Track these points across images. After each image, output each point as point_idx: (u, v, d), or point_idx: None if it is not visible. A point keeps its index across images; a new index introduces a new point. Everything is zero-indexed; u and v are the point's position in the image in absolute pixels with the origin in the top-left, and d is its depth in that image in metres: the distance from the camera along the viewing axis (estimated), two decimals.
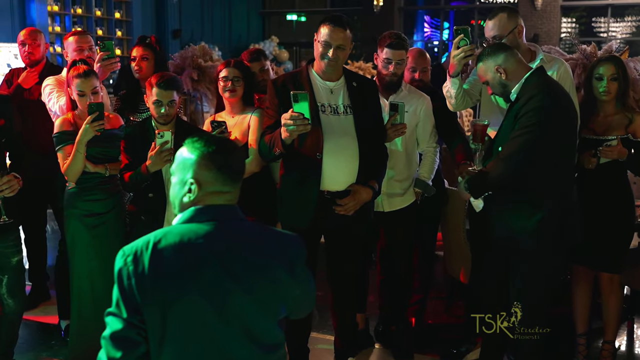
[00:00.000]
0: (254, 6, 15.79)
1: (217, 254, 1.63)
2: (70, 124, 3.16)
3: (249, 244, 1.69)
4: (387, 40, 3.23)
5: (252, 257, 1.67)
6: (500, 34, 3.05)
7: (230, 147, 1.75)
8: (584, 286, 3.36)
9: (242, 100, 3.31)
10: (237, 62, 3.33)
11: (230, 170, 1.70)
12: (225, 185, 1.69)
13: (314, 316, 3.71)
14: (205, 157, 1.67)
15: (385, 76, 3.28)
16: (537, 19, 12.95)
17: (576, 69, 4.11)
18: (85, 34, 3.94)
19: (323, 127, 2.86)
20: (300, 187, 2.91)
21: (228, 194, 1.71)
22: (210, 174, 1.67)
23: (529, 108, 2.68)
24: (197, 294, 1.60)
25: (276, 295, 1.70)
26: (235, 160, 1.72)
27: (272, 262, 1.70)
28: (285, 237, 1.79)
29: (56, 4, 10.65)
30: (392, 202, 3.35)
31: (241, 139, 3.26)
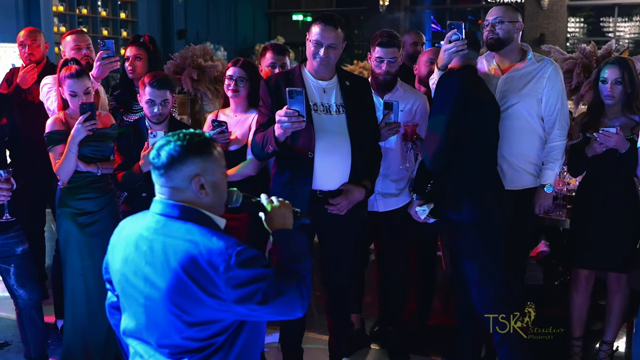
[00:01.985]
0: (259, 6, 15.81)
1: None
2: (62, 123, 3.17)
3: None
4: (378, 39, 3.21)
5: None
6: (502, 18, 3.13)
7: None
8: (583, 291, 3.34)
9: (247, 101, 3.30)
10: (245, 62, 3.31)
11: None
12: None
13: (310, 315, 3.70)
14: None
15: (378, 75, 3.26)
16: (544, 19, 12.88)
17: (575, 68, 4.08)
18: (82, 33, 3.94)
19: (315, 126, 2.85)
20: (292, 187, 2.90)
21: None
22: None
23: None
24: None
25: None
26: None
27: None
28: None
29: (61, 4, 10.69)
30: (387, 202, 3.33)
31: (242, 139, 3.25)
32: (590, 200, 3.26)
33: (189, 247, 1.68)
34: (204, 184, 1.74)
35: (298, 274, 1.77)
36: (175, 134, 1.76)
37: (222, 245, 1.67)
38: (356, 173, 2.92)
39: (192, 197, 1.75)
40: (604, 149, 3.10)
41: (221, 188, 1.81)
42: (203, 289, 1.66)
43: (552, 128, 3.18)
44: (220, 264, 1.65)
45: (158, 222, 1.75)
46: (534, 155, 3.21)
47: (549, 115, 3.18)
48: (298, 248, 1.84)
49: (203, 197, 1.75)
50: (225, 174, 1.84)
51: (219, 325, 1.72)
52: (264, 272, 1.69)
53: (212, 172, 1.76)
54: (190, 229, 1.71)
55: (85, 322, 3.27)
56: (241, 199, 1.93)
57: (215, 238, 1.69)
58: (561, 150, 3.21)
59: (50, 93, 3.51)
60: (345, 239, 3.03)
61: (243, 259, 1.66)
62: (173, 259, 1.68)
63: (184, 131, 1.78)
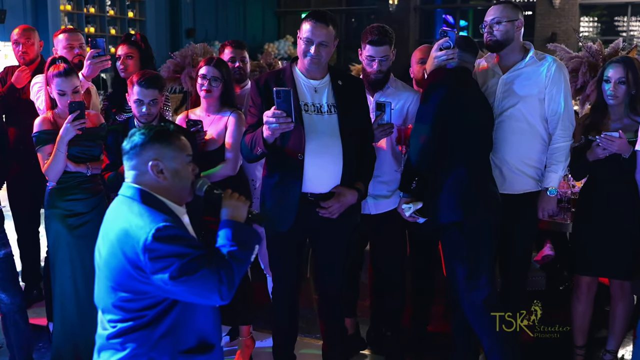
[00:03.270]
0: (269, 5, 15.77)
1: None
2: (50, 122, 3.11)
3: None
4: (368, 37, 3.10)
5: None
6: (499, 18, 3.02)
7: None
8: (585, 299, 3.23)
9: (219, 101, 3.24)
10: (218, 61, 3.26)
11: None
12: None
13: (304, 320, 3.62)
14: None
15: (369, 74, 3.15)
16: (555, 18, 12.73)
17: (581, 67, 3.96)
18: (75, 31, 3.89)
19: (305, 126, 2.77)
20: (282, 189, 2.82)
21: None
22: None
23: None
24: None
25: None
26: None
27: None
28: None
29: (69, 3, 10.70)
30: (379, 205, 3.23)
31: (218, 139, 3.20)
32: (592, 204, 3.15)
33: (124, 222, 1.87)
34: (163, 170, 1.92)
35: (224, 260, 1.87)
36: (145, 126, 2.00)
37: (148, 221, 1.83)
38: (348, 175, 2.83)
39: (151, 180, 1.92)
40: (607, 154, 2.99)
41: (182, 175, 1.96)
42: (129, 260, 1.83)
43: (556, 129, 3.06)
44: (140, 237, 1.81)
45: (117, 201, 1.97)
46: (535, 157, 3.09)
47: (552, 116, 3.06)
48: (238, 237, 1.93)
49: (162, 182, 1.92)
50: (190, 165, 1.97)
51: (148, 300, 1.86)
52: (183, 250, 1.81)
53: (171, 159, 1.93)
54: (134, 207, 1.89)
55: (75, 324, 3.21)
56: (205, 188, 2.04)
57: (147, 214, 1.85)
58: (565, 152, 3.08)
59: (40, 92, 3.45)
60: (337, 242, 2.95)
61: (163, 235, 1.80)
62: (112, 232, 1.89)
63: (154, 124, 1.96)
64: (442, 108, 2.79)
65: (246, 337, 3.44)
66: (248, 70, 3.66)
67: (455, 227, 2.86)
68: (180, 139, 1.97)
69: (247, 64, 3.64)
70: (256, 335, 3.52)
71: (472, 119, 2.88)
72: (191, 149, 1.99)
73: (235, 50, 3.60)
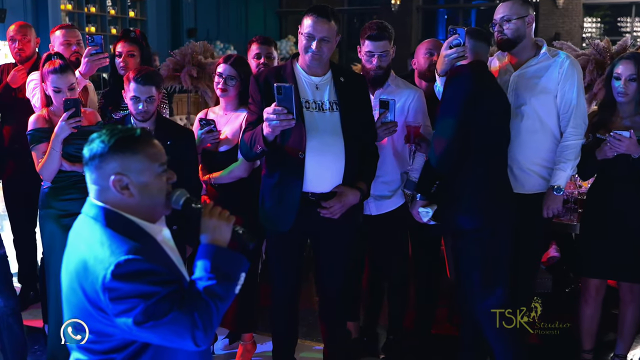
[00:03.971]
0: (270, 5, 15.71)
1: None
2: (45, 120, 3.04)
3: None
4: (367, 32, 3.02)
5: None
6: (509, 16, 2.92)
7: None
8: (593, 302, 3.15)
9: (237, 99, 3.17)
10: (237, 59, 3.17)
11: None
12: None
13: (305, 323, 3.55)
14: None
15: (369, 70, 3.06)
16: (559, 18, 12.65)
17: (588, 65, 3.89)
18: (72, 27, 3.82)
19: (307, 124, 2.69)
20: (282, 188, 2.74)
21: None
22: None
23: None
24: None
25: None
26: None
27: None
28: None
29: (70, 3, 10.65)
30: (380, 205, 3.15)
31: (231, 139, 3.12)
32: (600, 205, 3.06)
33: (84, 251, 1.57)
34: (129, 185, 1.60)
35: (199, 299, 1.56)
36: (107, 129, 1.63)
37: (109, 253, 1.52)
38: (350, 174, 2.75)
39: (116, 198, 1.62)
40: (615, 153, 2.90)
41: (153, 190, 1.64)
42: (89, 299, 1.55)
43: (567, 126, 2.96)
44: (99, 273, 1.52)
45: (79, 220, 1.67)
46: (547, 157, 2.98)
47: (564, 113, 2.96)
48: (218, 267, 1.61)
49: (127, 199, 1.61)
50: (163, 176, 1.66)
51: (113, 341, 1.58)
52: (149, 289, 1.50)
53: (139, 172, 1.61)
54: (94, 232, 1.58)
55: None
56: (183, 201, 1.71)
57: (108, 243, 1.55)
58: (575, 150, 2.96)
59: (36, 90, 3.37)
60: (338, 244, 2.86)
61: (123, 271, 1.50)
62: (72, 261, 1.60)
63: (118, 127, 1.64)
64: (465, 111, 2.69)
65: (247, 342, 3.36)
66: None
67: (474, 233, 2.76)
68: (151, 146, 1.64)
69: (273, 60, 3.53)
70: (257, 338, 3.44)
71: (493, 120, 2.78)
72: (165, 156, 1.69)
73: (261, 47, 3.52)
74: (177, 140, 2.96)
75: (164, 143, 2.88)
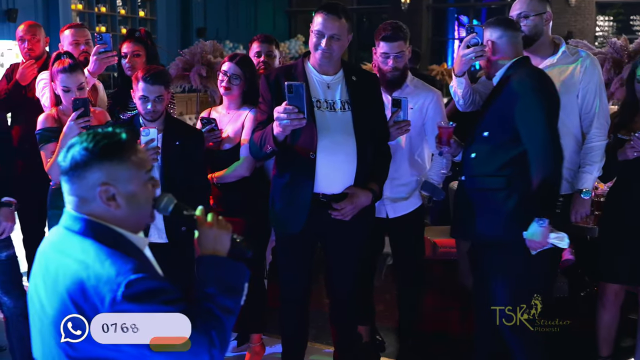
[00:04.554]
0: (280, 4, 15.68)
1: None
2: (54, 120, 3.01)
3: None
4: (382, 33, 2.97)
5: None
6: (527, 12, 2.84)
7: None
8: (612, 307, 3.08)
9: (240, 98, 3.15)
10: (242, 58, 3.15)
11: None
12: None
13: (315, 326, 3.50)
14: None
15: (386, 72, 3.02)
16: (571, 16, 12.54)
17: (605, 64, 3.81)
18: (82, 27, 3.79)
19: (318, 124, 2.64)
20: (293, 189, 2.70)
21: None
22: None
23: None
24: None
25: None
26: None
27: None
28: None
29: (80, 3, 10.67)
30: (396, 208, 3.10)
31: (233, 138, 3.09)
32: (621, 207, 2.99)
33: (78, 270, 1.42)
34: (115, 195, 1.48)
35: (212, 316, 1.47)
36: (88, 134, 1.50)
37: (114, 272, 1.39)
38: (362, 175, 2.70)
39: (100, 209, 1.49)
40: (636, 154, 2.83)
41: (141, 199, 1.53)
42: (88, 321, 1.39)
43: (590, 127, 2.87)
44: (106, 294, 1.38)
45: (59, 236, 1.52)
46: (569, 158, 2.85)
47: (586, 113, 2.88)
48: (224, 281, 1.52)
49: (114, 211, 1.49)
50: (149, 183, 1.55)
51: None
52: (161, 310, 1.39)
53: (127, 181, 1.49)
54: (87, 248, 1.45)
55: None
56: (171, 208, 1.61)
57: (109, 262, 1.41)
58: (600, 151, 2.87)
59: (46, 89, 3.35)
60: (349, 246, 2.82)
61: (134, 292, 1.38)
62: (62, 281, 1.43)
63: (99, 131, 1.50)
64: (548, 112, 2.55)
65: (256, 344, 3.32)
66: (276, 65, 3.49)
67: (520, 243, 2.57)
68: (137, 152, 1.52)
69: (274, 58, 3.49)
70: (266, 341, 3.41)
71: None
72: (150, 162, 1.60)
73: (262, 45, 3.48)
74: (186, 141, 2.93)
75: (173, 143, 2.90)
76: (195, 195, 2.90)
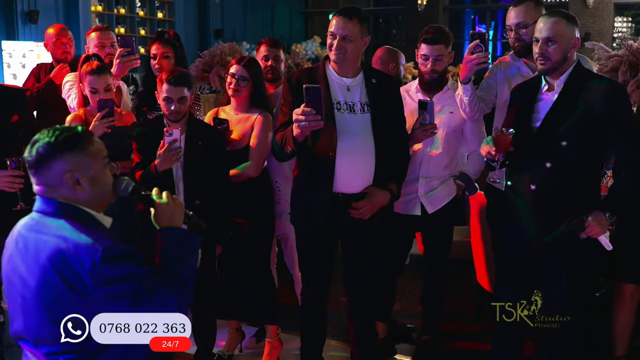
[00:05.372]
0: (296, 6, 15.76)
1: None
2: (81, 120, 3.11)
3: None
4: (423, 35, 3.06)
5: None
6: (525, 22, 2.90)
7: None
8: (628, 307, 3.11)
9: (248, 100, 3.22)
10: (248, 61, 3.23)
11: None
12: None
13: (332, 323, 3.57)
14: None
15: (424, 74, 3.10)
16: (589, 17, 12.48)
17: (621, 67, 3.84)
18: (107, 30, 3.89)
19: (337, 125, 2.71)
20: (313, 189, 2.77)
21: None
22: None
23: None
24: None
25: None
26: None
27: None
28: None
29: (100, 4, 10.83)
30: (434, 201, 3.18)
31: (239, 139, 3.18)
32: (636, 206, 3.01)
33: (58, 243, 1.64)
34: (80, 180, 1.70)
35: (177, 277, 1.73)
36: (48, 130, 1.71)
37: (90, 240, 1.62)
38: (381, 175, 2.77)
39: (67, 193, 1.71)
40: None
41: (102, 182, 1.75)
42: (70, 287, 1.61)
43: None
44: (86, 259, 1.60)
45: (33, 219, 1.73)
46: None
47: None
48: (182, 248, 1.78)
49: (79, 193, 1.71)
50: (107, 168, 1.77)
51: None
52: (135, 270, 1.64)
53: (88, 167, 1.71)
54: (62, 225, 1.67)
55: None
56: (131, 189, 1.82)
57: (85, 234, 1.64)
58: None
59: (71, 90, 3.46)
60: (367, 244, 2.88)
61: (111, 255, 1.61)
62: (42, 254, 1.64)
63: (57, 127, 1.71)
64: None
65: (274, 339, 3.40)
66: (282, 69, 3.56)
67: (590, 247, 2.61)
68: (93, 142, 1.73)
69: (280, 62, 3.55)
70: (284, 337, 3.47)
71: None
72: (106, 150, 1.77)
73: (269, 49, 3.53)
74: (208, 141, 3.01)
75: (196, 143, 2.98)
76: (217, 193, 2.99)
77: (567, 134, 2.50)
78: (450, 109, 3.10)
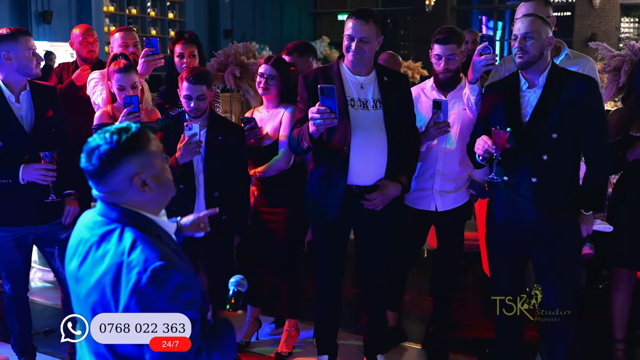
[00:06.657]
0: (305, 6, 15.91)
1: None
2: (109, 116, 3.25)
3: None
4: (436, 35, 3.17)
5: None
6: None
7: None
8: (624, 290, 3.23)
9: (278, 98, 3.36)
10: (277, 60, 3.36)
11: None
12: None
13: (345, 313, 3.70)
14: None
15: (438, 73, 3.21)
16: (595, 18, 12.54)
17: (623, 66, 3.95)
18: (130, 30, 4.02)
19: (352, 121, 2.85)
20: (328, 181, 2.91)
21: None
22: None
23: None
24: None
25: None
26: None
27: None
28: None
29: (112, 5, 11.01)
30: (445, 201, 3.27)
31: (272, 135, 3.31)
32: (629, 194, 3.11)
33: (115, 254, 1.58)
34: (146, 180, 1.63)
35: (210, 347, 1.66)
36: (102, 134, 1.61)
37: (143, 258, 1.54)
38: (392, 168, 2.91)
39: (134, 197, 1.63)
40: None
41: (164, 177, 1.68)
42: (116, 302, 1.56)
43: None
44: (132, 277, 1.53)
45: (96, 223, 1.65)
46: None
47: None
48: (223, 341, 1.72)
49: (147, 195, 1.64)
50: (167, 162, 1.71)
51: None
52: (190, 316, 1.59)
53: (152, 165, 1.64)
54: (123, 235, 1.60)
55: None
56: (245, 288, 1.92)
57: (140, 248, 1.57)
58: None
59: (97, 87, 3.60)
60: (380, 235, 3.02)
61: (160, 276, 1.53)
62: (99, 264, 1.59)
63: (110, 129, 1.63)
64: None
65: (292, 328, 3.54)
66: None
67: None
68: (151, 139, 1.65)
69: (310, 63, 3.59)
70: (300, 326, 3.60)
71: None
72: (162, 145, 1.73)
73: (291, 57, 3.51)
74: (228, 136, 3.15)
75: (216, 138, 3.13)
76: (236, 185, 3.14)
77: (555, 127, 2.66)
78: (464, 105, 3.19)
